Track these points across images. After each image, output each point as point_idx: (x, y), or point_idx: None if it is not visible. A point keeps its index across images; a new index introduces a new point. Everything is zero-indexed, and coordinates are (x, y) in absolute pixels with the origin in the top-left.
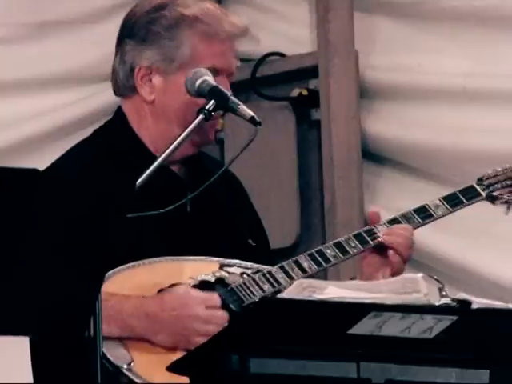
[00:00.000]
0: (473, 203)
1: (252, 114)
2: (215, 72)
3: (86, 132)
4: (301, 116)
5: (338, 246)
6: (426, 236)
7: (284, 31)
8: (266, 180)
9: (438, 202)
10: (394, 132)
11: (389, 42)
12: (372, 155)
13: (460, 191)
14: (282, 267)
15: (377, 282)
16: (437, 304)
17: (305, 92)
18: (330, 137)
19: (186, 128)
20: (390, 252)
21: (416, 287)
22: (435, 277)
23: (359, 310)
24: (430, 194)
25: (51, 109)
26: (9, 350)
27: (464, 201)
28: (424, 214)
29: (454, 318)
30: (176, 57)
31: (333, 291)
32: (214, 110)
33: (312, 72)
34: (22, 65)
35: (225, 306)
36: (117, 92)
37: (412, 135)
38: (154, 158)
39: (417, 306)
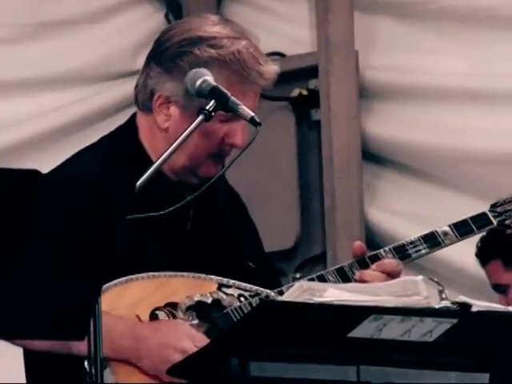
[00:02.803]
0: (483, 231)
1: (252, 114)
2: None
3: (88, 132)
4: (301, 116)
5: (341, 272)
6: None
7: (284, 31)
8: (266, 181)
9: (447, 228)
10: (393, 132)
11: (388, 42)
12: (371, 156)
13: (471, 218)
14: (280, 292)
15: (377, 284)
16: (437, 307)
17: (305, 92)
18: (330, 137)
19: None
20: None
21: (416, 290)
22: (435, 279)
23: (359, 313)
24: (430, 195)
25: (52, 109)
26: (3, 351)
27: (474, 229)
28: (431, 243)
29: (454, 320)
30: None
31: (332, 294)
32: (214, 110)
33: (312, 72)
34: (23, 65)
35: (218, 330)
36: (136, 104)
37: (411, 135)
38: (162, 175)
39: (417, 308)
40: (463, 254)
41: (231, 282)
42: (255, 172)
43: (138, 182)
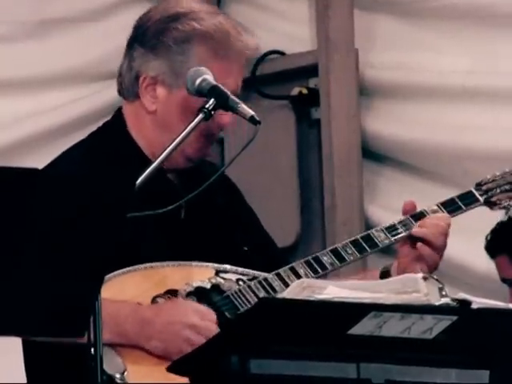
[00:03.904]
0: (471, 209)
1: (252, 113)
2: None
3: (88, 130)
4: (301, 115)
5: (335, 252)
6: None
7: (284, 29)
8: (266, 179)
9: (435, 207)
10: (394, 130)
11: (389, 40)
12: (372, 154)
13: (458, 196)
14: (278, 274)
15: (376, 281)
16: (437, 304)
17: (305, 91)
18: (330, 136)
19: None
20: (418, 244)
21: (416, 287)
22: (435, 276)
23: (359, 310)
24: (430, 193)
25: (52, 107)
26: (3, 351)
27: (462, 207)
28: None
29: (454, 318)
30: (183, 72)
31: (332, 291)
32: (213, 108)
33: (312, 70)
34: (22, 63)
35: (220, 313)
36: (120, 93)
37: (411, 133)
38: (151, 164)
39: (417, 306)
40: (464, 251)
41: (228, 267)
42: (255, 170)
43: (138, 181)
